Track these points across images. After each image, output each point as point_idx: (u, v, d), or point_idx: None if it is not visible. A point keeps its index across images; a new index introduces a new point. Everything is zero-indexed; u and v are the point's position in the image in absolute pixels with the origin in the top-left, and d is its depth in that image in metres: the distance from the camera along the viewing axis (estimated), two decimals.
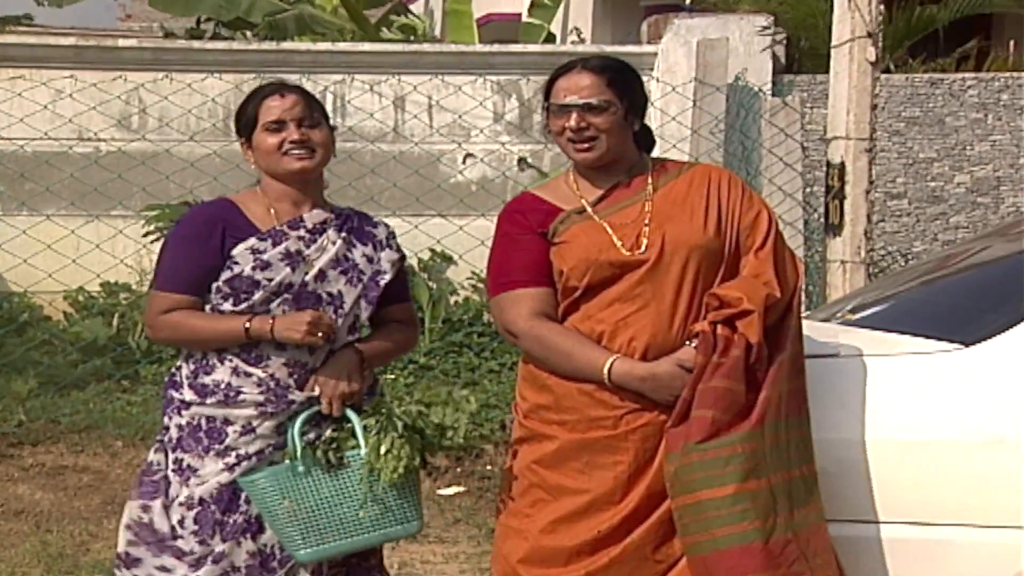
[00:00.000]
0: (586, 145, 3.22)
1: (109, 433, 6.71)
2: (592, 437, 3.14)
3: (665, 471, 3.07)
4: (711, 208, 3.20)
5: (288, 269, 3.29)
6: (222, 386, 3.28)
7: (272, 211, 3.35)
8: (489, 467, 6.44)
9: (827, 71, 6.17)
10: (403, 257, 3.54)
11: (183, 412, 3.31)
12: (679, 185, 3.26)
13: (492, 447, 6.57)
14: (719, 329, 3.06)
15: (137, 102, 8.39)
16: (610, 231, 3.19)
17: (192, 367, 3.33)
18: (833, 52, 6.00)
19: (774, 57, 9.02)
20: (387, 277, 3.44)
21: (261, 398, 3.27)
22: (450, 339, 7.97)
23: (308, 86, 8.47)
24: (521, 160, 8.74)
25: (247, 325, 3.24)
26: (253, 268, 3.26)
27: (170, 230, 3.38)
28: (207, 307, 3.31)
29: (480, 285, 8.45)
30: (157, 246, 7.92)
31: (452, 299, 8.51)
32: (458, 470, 6.43)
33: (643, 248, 3.15)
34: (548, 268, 3.22)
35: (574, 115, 3.21)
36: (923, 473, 3.16)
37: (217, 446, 3.28)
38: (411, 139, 8.54)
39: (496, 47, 9.19)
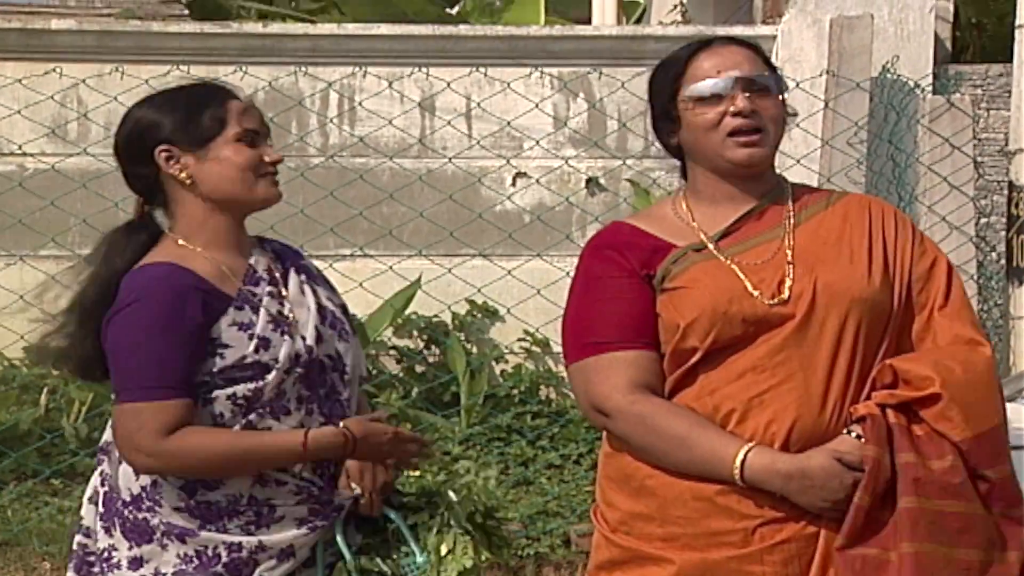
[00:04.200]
0: (757, 136, 3.21)
1: (33, 551, 6.72)
2: (713, 559, 3.10)
3: None
4: (875, 251, 3.19)
5: (288, 339, 3.28)
6: (243, 502, 3.24)
7: (222, 266, 3.31)
8: None
9: (1009, 59, 6.15)
10: None
11: (187, 539, 3.24)
12: (830, 219, 3.25)
13: (552, 570, 6.55)
14: (892, 416, 3.05)
15: (76, 104, 8.47)
16: (741, 275, 3.17)
17: (179, 482, 3.24)
18: (1017, 34, 5.99)
19: (937, 41, 8.99)
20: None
21: (304, 511, 3.27)
22: (494, 422, 7.96)
23: (306, 82, 8.62)
24: (591, 181, 8.75)
25: (306, 441, 3.22)
26: (256, 350, 3.23)
27: (122, 317, 3.22)
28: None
29: (535, 349, 8.44)
30: None
31: (498, 368, 8.50)
32: None
33: (786, 296, 3.14)
34: (652, 325, 3.20)
35: (741, 95, 3.19)
36: None
37: None
38: (443, 153, 8.57)
39: (558, 30, 9.23)
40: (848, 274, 3.15)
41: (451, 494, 3.35)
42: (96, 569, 3.34)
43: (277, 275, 3.38)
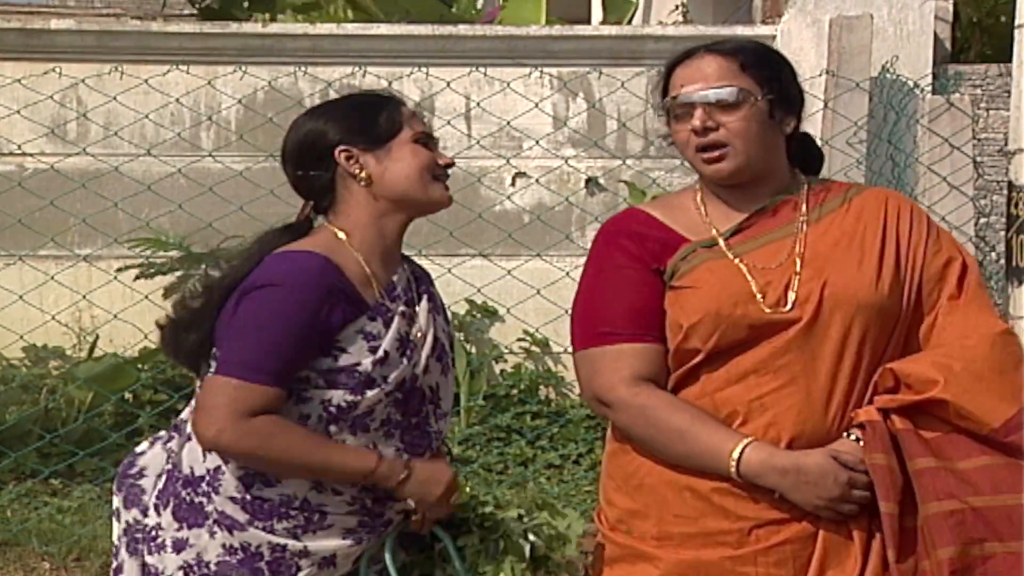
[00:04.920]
0: (716, 153, 3.20)
1: (32, 551, 6.71)
2: (706, 558, 3.11)
3: None
4: (887, 252, 3.17)
5: (405, 361, 3.30)
6: (295, 504, 3.24)
7: (369, 272, 3.32)
8: None
9: (1009, 59, 6.15)
10: None
11: (234, 532, 3.25)
12: (844, 218, 3.23)
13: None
14: (897, 422, 3.04)
15: (75, 104, 8.48)
16: (748, 276, 3.16)
17: (239, 472, 3.24)
18: (1017, 34, 5.99)
19: (936, 41, 8.99)
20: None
21: (353, 522, 3.28)
22: (494, 422, 7.95)
23: (306, 82, 8.61)
24: (590, 181, 8.75)
25: (376, 468, 3.24)
26: (374, 364, 3.24)
27: (259, 296, 3.22)
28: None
29: (535, 349, 8.43)
30: (117, 296, 8.06)
31: (497, 368, 8.50)
32: None
33: (790, 304, 3.12)
34: (661, 318, 3.20)
35: (698, 112, 3.19)
36: None
37: None
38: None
39: (558, 30, 9.23)
40: (856, 278, 3.13)
41: (511, 521, 3.36)
42: (141, 546, 3.35)
43: (413, 296, 3.41)
